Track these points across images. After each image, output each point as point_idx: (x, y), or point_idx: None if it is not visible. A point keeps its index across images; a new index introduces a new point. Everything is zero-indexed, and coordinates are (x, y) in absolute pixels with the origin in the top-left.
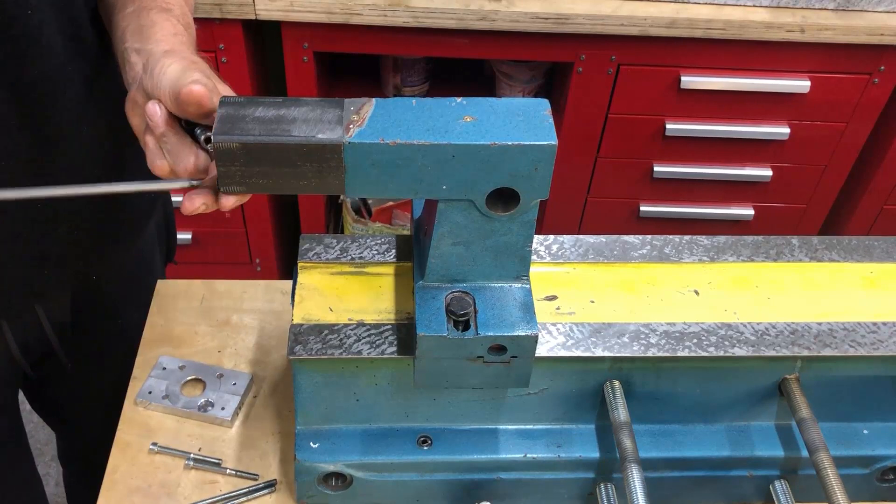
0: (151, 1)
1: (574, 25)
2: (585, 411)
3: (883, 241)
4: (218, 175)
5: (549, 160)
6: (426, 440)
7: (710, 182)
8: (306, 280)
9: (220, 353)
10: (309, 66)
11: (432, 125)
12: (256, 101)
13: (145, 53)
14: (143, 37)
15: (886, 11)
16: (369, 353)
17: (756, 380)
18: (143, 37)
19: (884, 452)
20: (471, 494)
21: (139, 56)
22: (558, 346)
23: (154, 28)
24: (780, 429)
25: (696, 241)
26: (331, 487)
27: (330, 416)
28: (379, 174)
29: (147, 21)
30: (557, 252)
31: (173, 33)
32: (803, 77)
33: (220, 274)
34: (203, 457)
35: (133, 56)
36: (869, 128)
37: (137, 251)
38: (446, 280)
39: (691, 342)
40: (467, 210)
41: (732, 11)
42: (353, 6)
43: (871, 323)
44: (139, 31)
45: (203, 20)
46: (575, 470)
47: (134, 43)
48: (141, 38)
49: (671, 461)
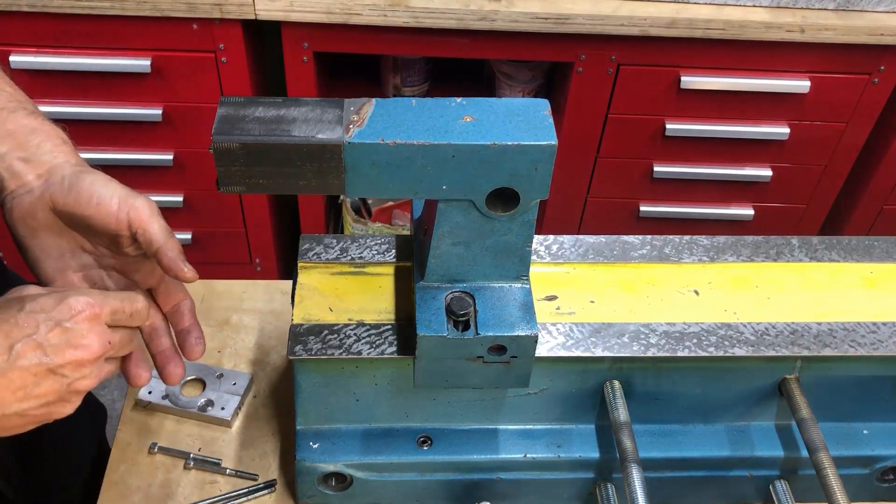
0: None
1: (574, 25)
2: (585, 411)
3: (883, 241)
4: (218, 175)
5: (549, 160)
6: (426, 440)
7: (709, 182)
8: (306, 280)
9: (220, 353)
10: (309, 66)
11: (432, 125)
12: (256, 102)
13: (41, 164)
14: (27, 146)
15: (886, 11)
16: (369, 354)
17: (756, 380)
18: (27, 146)
19: (884, 452)
20: (471, 494)
21: (31, 167)
22: (558, 346)
23: (36, 135)
24: (780, 429)
25: (696, 241)
26: (331, 487)
27: (330, 416)
28: (379, 174)
29: (18, 126)
30: (557, 252)
31: (63, 140)
32: (803, 77)
33: (220, 274)
34: (203, 457)
35: (19, 165)
36: (869, 128)
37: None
38: (446, 280)
39: (691, 342)
40: (467, 210)
41: (732, 11)
42: (353, 6)
43: (871, 323)
44: (13, 138)
45: (203, 20)
46: (575, 470)
47: (12, 150)
48: (24, 147)
49: (671, 461)
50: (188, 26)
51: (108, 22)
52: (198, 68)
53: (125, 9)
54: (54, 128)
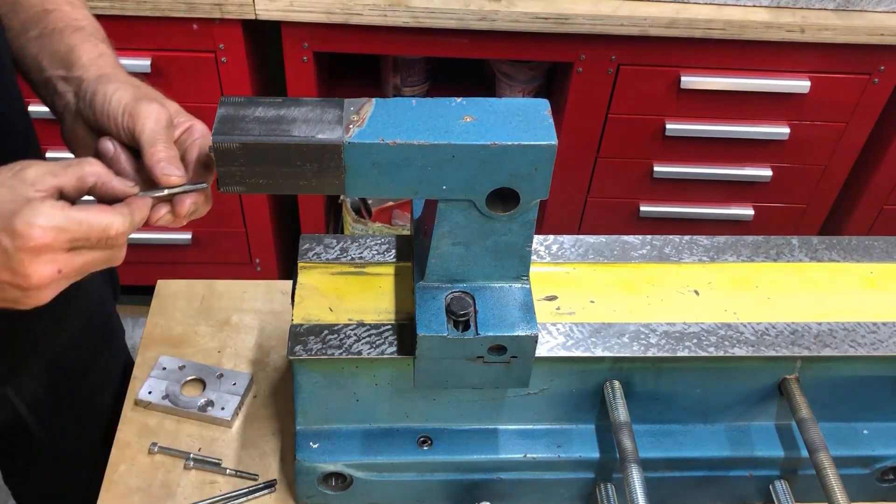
0: (59, 20)
1: (574, 25)
2: (585, 411)
3: (883, 241)
4: (218, 175)
5: (549, 160)
6: (426, 440)
7: (709, 182)
8: (306, 280)
9: (219, 353)
10: (309, 66)
11: (432, 125)
12: (256, 102)
13: (74, 81)
14: (65, 63)
15: (886, 11)
16: (369, 354)
17: (756, 380)
18: (65, 63)
19: (884, 452)
20: (471, 494)
21: (68, 84)
22: (558, 346)
23: (75, 52)
24: (780, 429)
25: (696, 241)
26: (331, 487)
27: (330, 416)
28: (379, 174)
29: (63, 45)
30: (557, 252)
31: (98, 54)
32: (803, 77)
33: (220, 274)
34: (203, 457)
35: (61, 85)
36: (869, 128)
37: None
38: (446, 280)
39: (691, 342)
40: (467, 210)
41: (732, 11)
42: (353, 6)
43: (871, 323)
44: (57, 57)
45: (203, 20)
46: (575, 470)
47: (56, 70)
48: (63, 65)
49: (671, 461)
50: (188, 26)
51: (107, 22)
52: (198, 68)
53: (125, 9)
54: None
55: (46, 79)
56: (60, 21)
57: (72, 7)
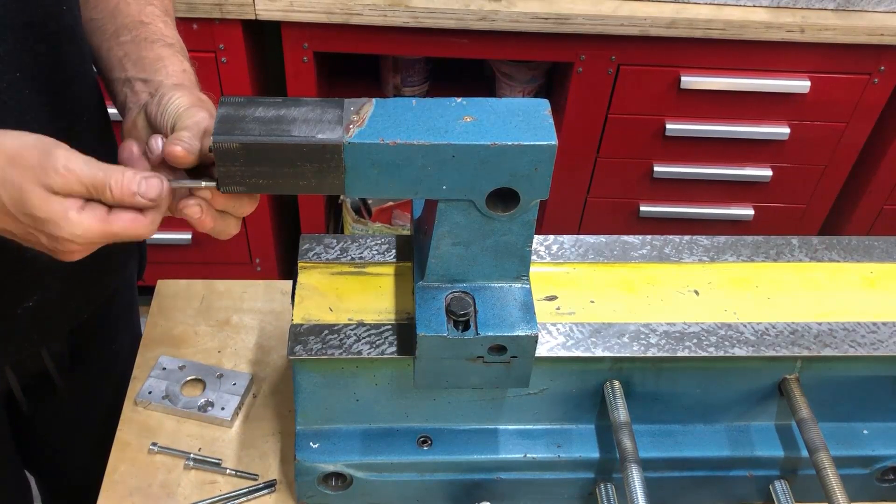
0: (152, 33)
1: (574, 25)
2: (585, 411)
3: (883, 241)
4: (218, 175)
5: (549, 160)
6: (426, 440)
7: (709, 182)
8: (306, 280)
9: (219, 353)
10: (309, 66)
11: (432, 125)
12: (256, 102)
13: (154, 84)
14: (150, 69)
15: (886, 11)
16: (369, 354)
17: (756, 380)
18: (150, 69)
19: (884, 452)
20: (471, 494)
21: (146, 86)
22: (558, 346)
23: (162, 62)
24: (780, 429)
25: (696, 241)
26: (331, 487)
27: (330, 416)
28: (379, 174)
29: (152, 54)
30: (557, 252)
31: (182, 70)
32: (803, 77)
33: (220, 274)
34: (203, 457)
35: (139, 85)
36: (869, 128)
37: (128, 278)
38: (446, 280)
39: (691, 342)
40: (467, 210)
41: (732, 11)
42: (353, 6)
43: (871, 323)
44: (142, 63)
45: (203, 20)
46: (575, 470)
47: (138, 73)
48: (147, 70)
49: (671, 461)
50: (188, 26)
51: None
52: (198, 68)
53: None
54: (181, 59)
55: (127, 78)
56: (153, 34)
57: (165, 25)
